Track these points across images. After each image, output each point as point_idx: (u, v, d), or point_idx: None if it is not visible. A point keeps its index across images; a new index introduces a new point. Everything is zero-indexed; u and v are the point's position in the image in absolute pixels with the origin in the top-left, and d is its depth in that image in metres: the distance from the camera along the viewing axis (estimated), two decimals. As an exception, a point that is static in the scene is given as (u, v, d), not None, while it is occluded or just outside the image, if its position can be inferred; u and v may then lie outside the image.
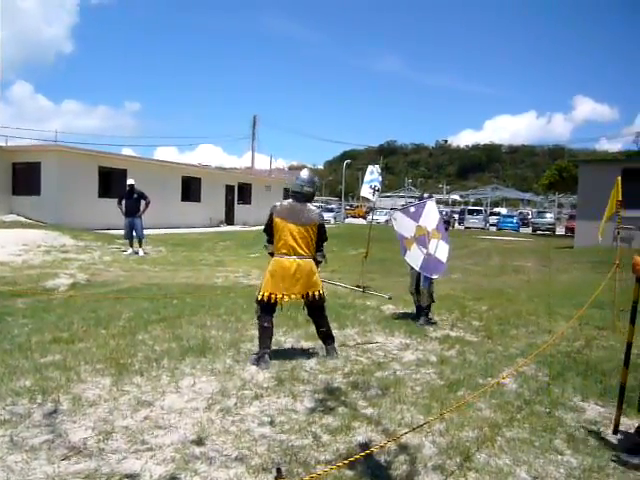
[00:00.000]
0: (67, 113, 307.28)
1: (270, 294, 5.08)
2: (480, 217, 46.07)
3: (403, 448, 3.37)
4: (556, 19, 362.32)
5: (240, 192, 31.24)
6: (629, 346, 3.92)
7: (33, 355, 5.16)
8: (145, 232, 14.86)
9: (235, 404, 4.09)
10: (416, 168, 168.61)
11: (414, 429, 3.44)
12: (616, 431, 3.78)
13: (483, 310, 8.25)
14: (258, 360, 5.01)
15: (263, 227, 5.38)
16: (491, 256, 18.66)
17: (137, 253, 14.27)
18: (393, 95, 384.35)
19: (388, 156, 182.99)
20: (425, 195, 7.80)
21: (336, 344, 5.65)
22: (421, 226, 6.91)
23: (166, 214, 23.57)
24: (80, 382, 4.50)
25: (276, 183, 36.52)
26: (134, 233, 14.38)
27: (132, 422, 3.76)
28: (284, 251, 5.07)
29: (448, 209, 59.36)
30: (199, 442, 3.48)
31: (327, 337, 5.38)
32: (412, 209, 7.17)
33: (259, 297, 5.16)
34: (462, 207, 61.35)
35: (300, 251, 5.04)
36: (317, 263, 5.27)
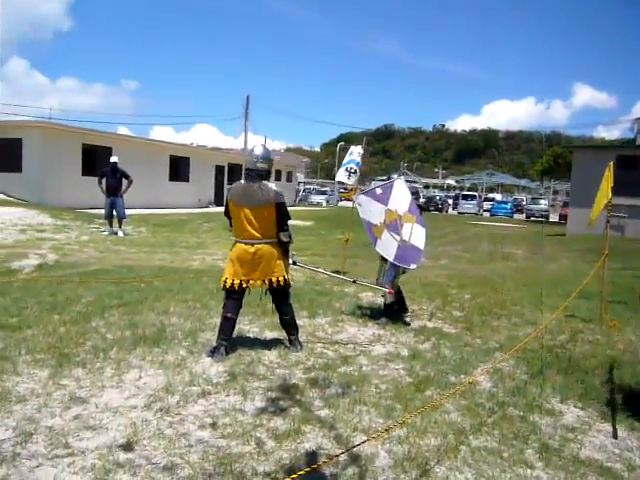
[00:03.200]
0: (63, 90, 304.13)
1: (228, 279, 4.74)
2: (474, 202, 45.67)
3: (354, 458, 2.99)
4: (557, 5, 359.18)
5: (230, 173, 30.64)
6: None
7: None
8: (128, 212, 14.42)
9: (178, 402, 3.71)
10: (413, 152, 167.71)
11: (367, 440, 3.05)
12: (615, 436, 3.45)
13: (466, 299, 7.88)
14: (214, 352, 4.64)
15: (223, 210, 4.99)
16: (481, 242, 18.28)
17: (116, 233, 13.82)
18: (391, 78, 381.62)
19: (385, 139, 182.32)
20: (394, 176, 7.10)
21: (302, 335, 5.28)
22: (391, 210, 6.14)
23: (153, 194, 23.08)
24: (14, 374, 4.11)
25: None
26: (114, 213, 13.91)
27: (59, 422, 3.39)
28: (241, 236, 4.74)
29: (442, 194, 58.91)
30: (128, 447, 3.10)
31: (291, 327, 5.01)
32: (378, 191, 6.37)
33: (221, 284, 4.83)
34: (456, 192, 60.87)
35: (258, 235, 4.67)
36: (284, 244, 4.86)
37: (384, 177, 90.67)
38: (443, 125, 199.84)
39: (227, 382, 4.08)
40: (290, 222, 4.92)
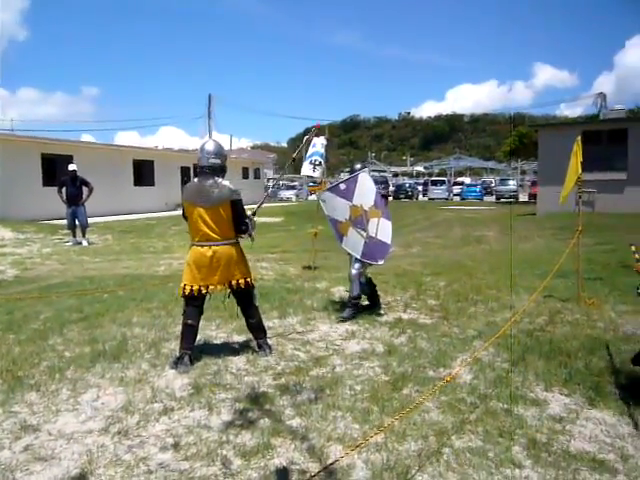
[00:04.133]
0: (24, 101, 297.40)
1: (187, 286, 4.46)
2: (444, 188, 45.84)
3: (329, 472, 2.75)
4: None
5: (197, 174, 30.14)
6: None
7: None
8: (93, 220, 13.96)
9: (138, 422, 3.42)
10: (380, 141, 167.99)
11: (342, 457, 2.81)
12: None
13: (441, 286, 7.70)
14: (177, 363, 4.36)
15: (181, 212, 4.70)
16: (452, 227, 18.20)
17: (80, 243, 13.35)
18: (354, 69, 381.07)
19: (352, 130, 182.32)
20: (357, 166, 6.46)
21: (272, 337, 5.04)
22: (356, 205, 5.80)
23: (118, 200, 22.52)
24: (-39, 402, 3.78)
25: (233, 163, 35.46)
26: (77, 222, 13.44)
27: (7, 455, 3.09)
28: (197, 238, 4.46)
29: (412, 181, 59.00)
30: (81, 478, 2.82)
31: (258, 330, 4.75)
32: (342, 186, 5.94)
33: (179, 291, 4.55)
34: (425, 179, 61.04)
35: (215, 236, 4.39)
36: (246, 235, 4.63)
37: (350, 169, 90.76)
38: (408, 113, 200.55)
39: (191, 396, 3.81)
40: (262, 219, 4.67)
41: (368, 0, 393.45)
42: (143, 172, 25.96)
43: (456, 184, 53.84)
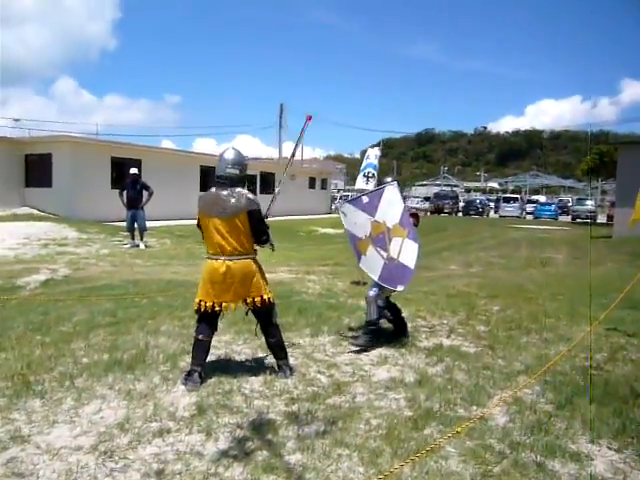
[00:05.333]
0: (110, 107, 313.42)
1: (201, 302, 4.22)
2: (516, 205, 44.01)
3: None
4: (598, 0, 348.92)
5: (263, 182, 30.33)
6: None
7: None
8: (157, 224, 14.15)
9: (129, 443, 3.18)
10: (454, 156, 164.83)
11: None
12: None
13: (494, 311, 7.13)
14: (187, 379, 4.10)
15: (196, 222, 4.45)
16: (519, 247, 17.27)
17: (137, 246, 13.55)
18: (431, 82, 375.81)
19: (426, 144, 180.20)
20: (387, 179, 5.70)
21: (299, 357, 4.76)
22: (378, 221, 5.21)
23: (184, 205, 22.80)
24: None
25: (302, 172, 35.53)
26: (136, 225, 13.66)
27: None
28: (212, 251, 4.19)
29: (483, 197, 57.31)
30: (51, 503, 2.59)
31: (278, 350, 4.43)
32: (365, 199, 5.37)
33: (194, 306, 4.31)
34: (498, 195, 59.13)
35: (230, 249, 4.10)
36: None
37: (424, 182, 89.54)
38: (485, 127, 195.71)
39: (193, 417, 3.53)
40: (324, 230, 4.37)
41: (446, 13, 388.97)
42: (209, 178, 26.33)
43: (530, 202, 51.77)
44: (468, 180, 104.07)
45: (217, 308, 4.18)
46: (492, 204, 49.96)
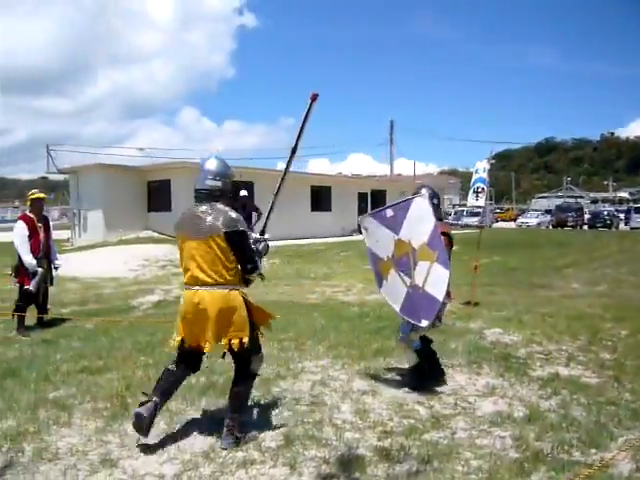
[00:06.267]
0: (229, 133, 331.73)
1: (176, 339, 3.61)
2: (650, 216, 40.32)
3: None
4: None
5: (374, 199, 30.22)
6: None
7: (45, 388, 4.62)
8: (270, 244, 14.39)
9: (212, 474, 3.09)
10: (578, 165, 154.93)
11: None
12: None
13: (621, 336, 6.38)
14: (139, 408, 3.46)
15: None
16: (654, 263, 15.68)
17: (247, 266, 13.88)
18: (549, 88, 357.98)
19: (547, 154, 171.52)
20: (422, 191, 4.77)
21: (396, 385, 4.44)
22: (403, 240, 4.36)
23: (295, 225, 23.28)
24: (65, 426, 3.83)
25: (413, 188, 34.98)
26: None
27: None
28: (186, 279, 3.56)
29: (612, 208, 53.18)
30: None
31: (234, 402, 3.60)
32: (389, 212, 4.52)
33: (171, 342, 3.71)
34: (629, 205, 54.62)
35: (205, 277, 3.41)
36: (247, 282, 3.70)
37: (545, 194, 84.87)
38: (612, 133, 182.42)
39: (279, 448, 3.37)
40: None
41: (564, 17, 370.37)
42: (320, 198, 26.70)
43: (666, 212, 47.25)
44: (595, 190, 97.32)
45: (194, 345, 3.50)
46: (622, 215, 46.22)
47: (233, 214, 3.47)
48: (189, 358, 3.63)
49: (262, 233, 3.82)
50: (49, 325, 7.02)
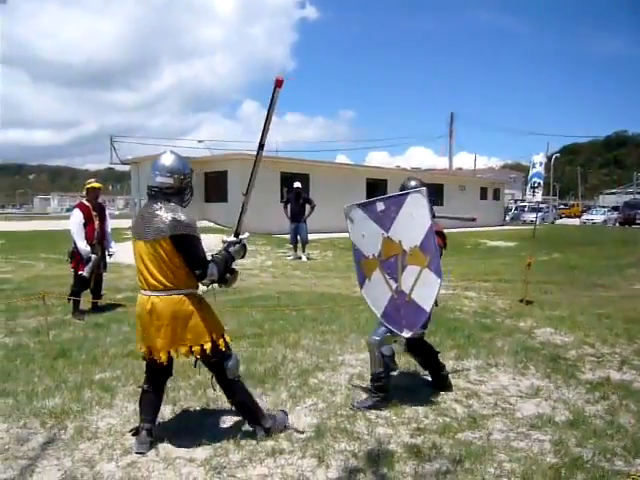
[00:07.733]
0: (289, 125, 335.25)
1: (137, 345, 3.47)
2: None
3: None
4: None
5: (430, 193, 29.76)
6: None
7: (93, 369, 4.80)
8: (325, 236, 14.51)
9: (240, 460, 3.13)
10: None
11: None
12: None
13: (684, 341, 6.03)
14: (135, 436, 3.39)
15: None
16: None
17: (300, 258, 13.96)
18: (621, 79, 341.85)
19: (616, 148, 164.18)
20: (411, 183, 4.15)
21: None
22: (392, 239, 3.89)
23: (349, 218, 23.30)
24: (106, 407, 3.98)
25: (473, 183, 34.29)
26: (298, 237, 14.11)
27: (110, 469, 3.12)
28: (139, 283, 3.33)
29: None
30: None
31: (243, 412, 3.50)
32: (380, 206, 3.97)
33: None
34: None
35: (154, 282, 3.18)
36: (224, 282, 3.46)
37: (614, 190, 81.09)
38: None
39: (309, 439, 3.36)
40: (492, 243, 3.83)
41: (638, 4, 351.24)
42: (376, 191, 26.49)
43: None
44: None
45: (148, 353, 3.32)
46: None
47: (182, 216, 3.15)
48: (156, 369, 3.39)
49: (237, 235, 3.49)
50: (103, 310, 7.26)
